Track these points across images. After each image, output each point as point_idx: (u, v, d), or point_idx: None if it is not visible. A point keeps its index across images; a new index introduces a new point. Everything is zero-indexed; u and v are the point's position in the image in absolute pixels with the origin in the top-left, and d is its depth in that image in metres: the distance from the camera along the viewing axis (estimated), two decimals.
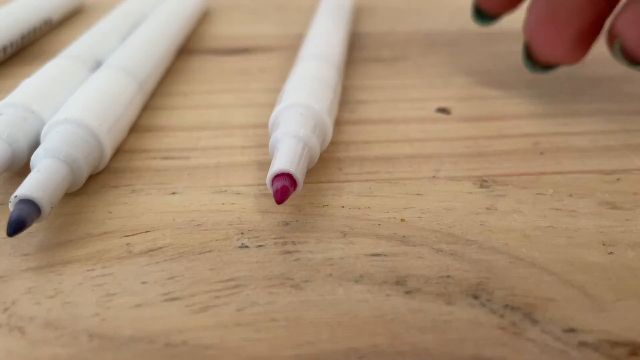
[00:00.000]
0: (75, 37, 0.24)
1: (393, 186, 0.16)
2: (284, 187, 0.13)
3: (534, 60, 0.20)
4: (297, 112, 0.16)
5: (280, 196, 0.13)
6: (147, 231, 0.14)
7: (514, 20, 0.27)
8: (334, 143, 0.18)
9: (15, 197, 0.12)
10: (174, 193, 0.15)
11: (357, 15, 0.30)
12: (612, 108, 0.20)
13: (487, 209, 0.15)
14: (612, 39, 0.18)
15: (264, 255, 0.13)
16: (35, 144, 0.15)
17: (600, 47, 0.24)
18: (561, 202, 0.15)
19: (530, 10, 0.19)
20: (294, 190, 0.14)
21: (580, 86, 0.22)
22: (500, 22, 0.22)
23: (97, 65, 0.20)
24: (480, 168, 0.16)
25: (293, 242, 0.14)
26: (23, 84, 0.17)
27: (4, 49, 0.22)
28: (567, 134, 0.18)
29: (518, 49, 0.25)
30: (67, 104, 0.16)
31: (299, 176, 0.14)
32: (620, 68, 0.22)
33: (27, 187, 0.13)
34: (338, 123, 0.19)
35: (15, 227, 0.12)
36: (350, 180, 0.16)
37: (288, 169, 0.13)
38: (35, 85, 0.17)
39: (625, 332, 0.11)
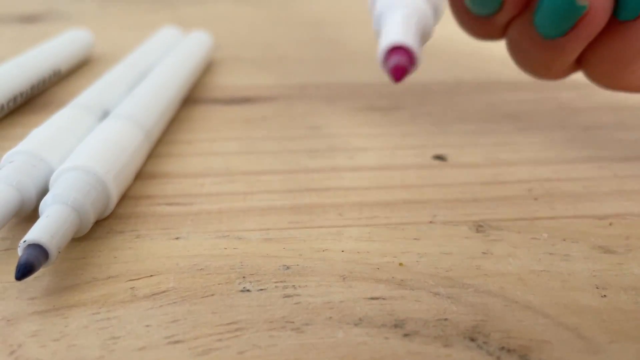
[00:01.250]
0: (82, 87, 0.25)
1: (391, 231, 0.16)
2: (400, 67, 0.12)
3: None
4: None
5: (399, 75, 0.12)
6: (152, 275, 0.14)
7: (508, 71, 0.28)
8: (333, 189, 0.18)
9: (24, 242, 0.13)
10: (177, 238, 0.16)
11: (355, 65, 0.31)
12: (603, 155, 0.20)
13: (483, 253, 0.15)
14: None
15: (265, 298, 0.13)
16: (43, 190, 0.16)
17: (591, 97, 0.25)
18: (555, 246, 0.15)
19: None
20: (412, 67, 0.12)
21: (573, 134, 0.22)
22: (495, 73, 0.23)
23: (105, 114, 0.20)
24: (476, 213, 0.17)
25: (294, 285, 0.14)
26: (33, 133, 0.18)
27: (14, 98, 0.23)
28: (560, 180, 0.19)
29: (512, 98, 0.26)
30: (76, 152, 0.16)
31: (417, 50, 0.12)
32: (610, 116, 0.23)
33: (36, 232, 0.13)
34: (337, 169, 0.19)
35: (24, 271, 0.12)
36: (349, 225, 0.16)
37: (403, 41, 0.12)
38: (44, 133, 0.18)
39: None
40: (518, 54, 0.18)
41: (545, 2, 0.15)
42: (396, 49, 0.12)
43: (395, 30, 0.12)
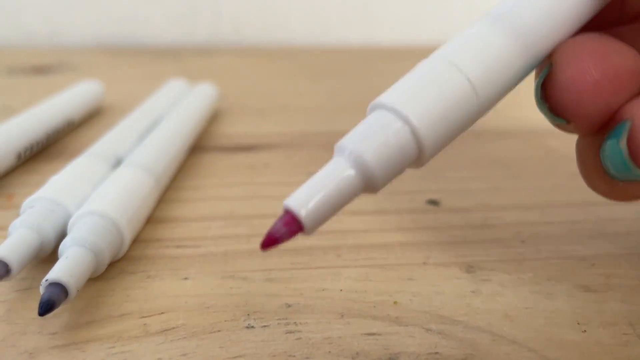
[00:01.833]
0: (94, 136, 0.26)
1: (387, 271, 0.17)
2: (274, 238, 0.12)
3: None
4: None
5: (267, 245, 0.12)
6: (162, 313, 0.15)
7: (498, 119, 0.29)
8: (332, 232, 0.19)
9: (47, 280, 0.14)
10: (186, 278, 0.17)
11: (353, 115, 0.32)
12: (588, 199, 0.22)
13: (473, 292, 0.16)
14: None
15: (269, 334, 0.14)
16: (61, 233, 0.17)
17: None
18: (540, 285, 0.16)
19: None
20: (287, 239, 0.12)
21: (559, 180, 0.23)
22: (486, 122, 0.24)
23: (117, 162, 0.22)
24: (467, 255, 0.18)
25: (295, 322, 0.15)
26: (51, 180, 0.19)
27: (31, 147, 0.25)
28: (546, 224, 0.20)
29: (502, 146, 0.27)
30: (92, 198, 0.18)
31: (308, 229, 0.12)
32: None
33: (57, 272, 0.14)
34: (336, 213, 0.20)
35: (46, 307, 0.13)
36: (348, 266, 0.17)
37: (300, 213, 0.12)
38: (62, 180, 0.19)
39: None
40: (584, 171, 0.16)
41: (608, 154, 0.13)
42: (291, 216, 0.12)
43: (306, 195, 0.12)
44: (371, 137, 0.13)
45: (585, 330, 0.14)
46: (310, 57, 0.49)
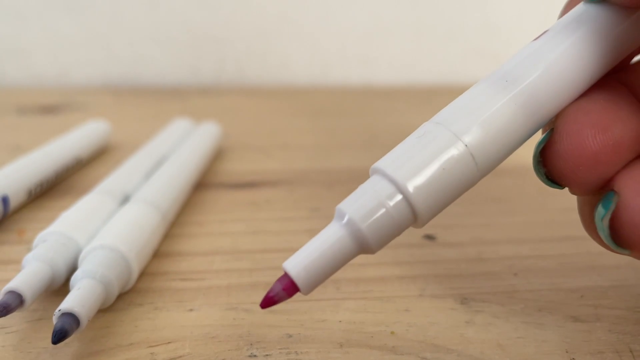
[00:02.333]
0: (101, 173, 0.27)
1: (384, 303, 0.18)
2: (272, 299, 0.13)
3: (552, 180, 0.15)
4: None
5: (266, 305, 0.13)
6: (169, 342, 0.16)
7: None
8: None
9: (60, 310, 0.15)
10: (191, 310, 0.17)
11: (352, 152, 0.33)
12: (578, 234, 0.22)
13: (466, 322, 0.17)
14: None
15: None
16: (71, 266, 0.18)
17: None
18: (531, 316, 0.17)
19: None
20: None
21: (551, 216, 0.24)
22: None
23: (125, 198, 0.22)
24: (461, 287, 0.19)
25: (296, 352, 0.15)
26: (63, 215, 0.20)
27: (41, 184, 0.25)
28: (538, 257, 0.21)
29: (496, 183, 0.28)
30: (102, 232, 0.18)
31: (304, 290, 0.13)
32: None
33: (70, 303, 0.15)
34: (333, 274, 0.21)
35: (59, 336, 0.14)
36: (346, 298, 0.18)
37: (296, 278, 0.13)
38: (73, 216, 0.20)
39: None
40: (582, 221, 0.16)
41: (596, 222, 0.14)
42: (289, 279, 0.13)
43: (303, 259, 0.13)
44: (367, 204, 0.13)
45: (573, 359, 0.15)
46: (311, 97, 0.51)
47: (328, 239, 0.13)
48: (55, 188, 0.27)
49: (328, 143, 0.36)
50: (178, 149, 0.29)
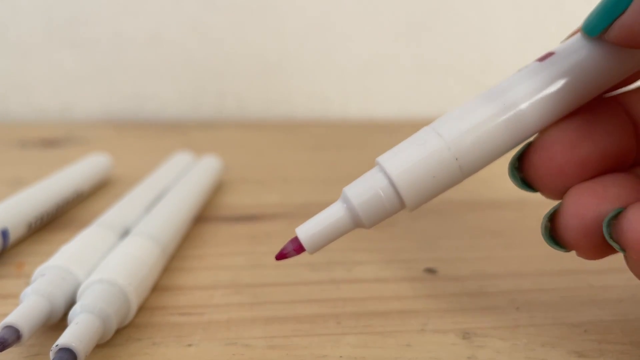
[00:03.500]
0: (102, 206, 0.27)
1: (385, 338, 0.18)
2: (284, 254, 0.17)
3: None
4: None
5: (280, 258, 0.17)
6: None
7: (491, 191, 0.30)
8: (332, 300, 0.20)
9: (57, 345, 0.14)
10: (190, 345, 0.17)
11: None
12: (579, 268, 0.22)
13: (469, 358, 0.16)
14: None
15: None
16: (70, 300, 0.18)
17: None
18: (534, 351, 0.17)
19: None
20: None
21: (552, 249, 0.24)
22: (481, 193, 0.25)
23: (125, 232, 0.22)
24: (463, 322, 0.18)
25: None
26: (62, 249, 0.20)
27: (41, 217, 0.25)
28: (540, 291, 0.20)
29: (496, 216, 0.28)
30: (101, 266, 0.18)
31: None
32: None
33: (67, 338, 0.15)
34: (336, 281, 0.21)
35: None
36: (347, 332, 0.18)
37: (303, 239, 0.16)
38: (72, 249, 0.20)
39: None
40: None
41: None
42: (298, 241, 0.16)
43: (310, 226, 0.16)
44: (362, 188, 0.16)
45: None
46: (311, 131, 0.51)
47: (331, 213, 0.16)
48: (55, 221, 0.27)
49: (328, 176, 0.36)
50: (178, 182, 0.29)
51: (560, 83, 0.15)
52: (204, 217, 0.28)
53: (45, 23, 0.52)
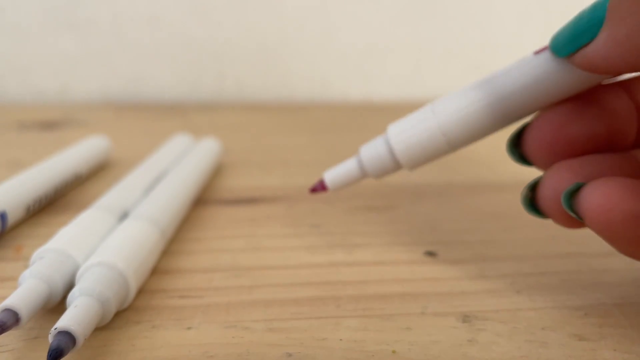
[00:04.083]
0: (101, 189, 0.27)
1: (385, 321, 0.18)
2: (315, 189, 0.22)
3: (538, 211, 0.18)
4: None
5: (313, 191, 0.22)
6: None
7: (491, 174, 0.30)
8: (332, 283, 0.20)
9: (55, 329, 0.14)
10: (189, 328, 0.17)
11: None
12: (581, 251, 0.22)
13: (469, 341, 0.16)
14: None
15: None
16: (69, 283, 0.18)
17: None
18: (534, 334, 0.17)
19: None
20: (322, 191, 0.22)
21: (553, 232, 0.24)
22: (481, 176, 0.25)
23: (124, 215, 0.22)
24: (463, 305, 0.18)
25: None
26: (60, 232, 0.20)
27: (39, 200, 0.25)
28: (541, 274, 0.20)
29: (497, 199, 0.28)
30: (100, 249, 0.18)
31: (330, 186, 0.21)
32: None
33: (66, 321, 0.15)
34: (336, 264, 0.21)
35: (55, 355, 0.14)
36: (347, 316, 0.18)
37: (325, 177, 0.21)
38: (70, 232, 0.20)
39: None
40: None
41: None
42: (322, 182, 0.22)
43: (332, 172, 0.21)
44: (371, 147, 0.20)
45: None
46: (311, 113, 0.51)
47: (346, 165, 0.21)
48: (54, 204, 0.27)
49: (328, 159, 0.36)
50: (178, 165, 0.28)
51: (539, 80, 0.17)
52: (204, 200, 0.28)
53: (44, 4, 0.52)
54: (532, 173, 0.20)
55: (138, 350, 0.16)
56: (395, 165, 0.20)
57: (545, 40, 0.18)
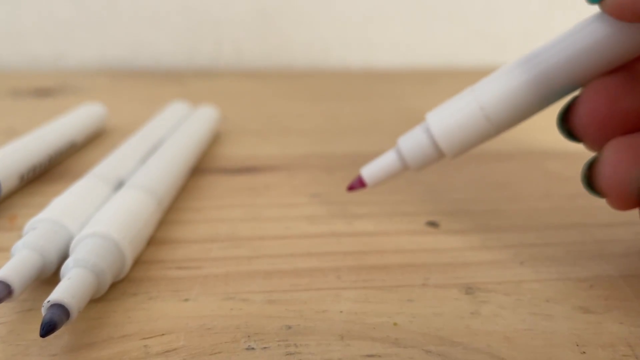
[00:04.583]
0: (97, 157, 0.26)
1: (386, 293, 0.17)
2: (353, 187, 0.21)
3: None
4: None
5: (350, 189, 0.21)
6: (163, 334, 0.15)
7: (496, 142, 0.30)
8: (332, 253, 0.19)
9: (48, 301, 0.14)
10: (187, 300, 0.17)
11: (354, 137, 0.33)
12: (586, 221, 0.22)
13: (472, 313, 0.16)
14: None
15: (269, 356, 0.14)
16: (63, 254, 0.17)
17: (576, 166, 0.27)
18: (539, 307, 0.16)
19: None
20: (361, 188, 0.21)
21: (557, 202, 0.24)
22: (484, 144, 0.25)
23: (120, 184, 0.22)
24: (466, 276, 0.18)
25: (295, 344, 0.15)
26: (54, 201, 0.19)
27: (34, 169, 0.25)
28: (545, 245, 0.20)
29: (500, 168, 0.27)
30: (94, 219, 0.18)
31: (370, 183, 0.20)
32: None
33: (59, 293, 0.14)
34: (336, 234, 0.21)
35: (48, 328, 0.14)
36: (347, 287, 0.17)
37: (364, 175, 0.20)
38: (64, 202, 0.19)
39: None
40: None
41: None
42: (361, 178, 0.21)
43: (370, 167, 0.20)
44: (410, 136, 0.19)
45: (584, 352, 0.14)
46: (311, 80, 0.50)
47: (385, 159, 0.20)
48: (48, 173, 0.26)
49: (328, 127, 0.35)
50: (175, 133, 0.28)
51: (587, 48, 0.16)
52: (201, 169, 0.27)
53: None
54: (538, 140, 0.19)
55: (134, 322, 0.16)
56: (438, 154, 0.19)
57: (547, 7, 0.17)
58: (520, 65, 0.17)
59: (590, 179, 0.17)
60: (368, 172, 0.20)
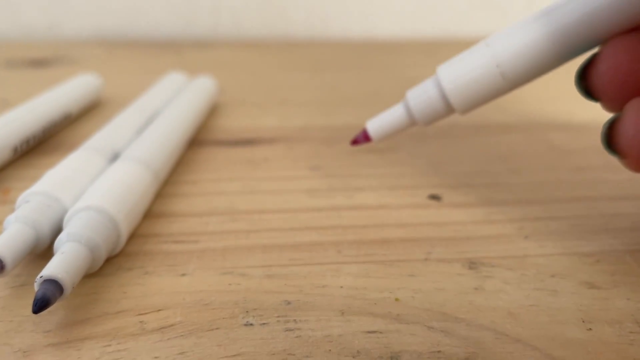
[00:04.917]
0: (92, 129, 0.26)
1: (388, 268, 0.17)
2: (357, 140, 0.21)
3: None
4: None
5: (354, 143, 0.21)
6: (159, 310, 0.15)
7: (500, 114, 0.29)
8: (332, 227, 0.19)
9: (41, 277, 0.14)
10: (184, 274, 0.16)
11: (354, 108, 0.32)
12: (591, 195, 0.21)
13: (475, 289, 0.16)
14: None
15: (268, 332, 0.14)
16: (57, 228, 0.17)
17: (581, 138, 0.26)
18: (544, 282, 0.16)
19: None
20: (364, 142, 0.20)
21: (562, 175, 0.23)
22: (487, 116, 0.24)
23: (115, 156, 0.21)
24: (469, 251, 0.18)
25: (295, 320, 0.15)
26: (47, 174, 0.19)
27: (27, 141, 0.24)
28: (550, 219, 0.20)
29: (504, 140, 0.27)
30: (89, 193, 0.17)
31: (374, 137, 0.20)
32: (599, 158, 0.24)
33: (52, 268, 0.14)
34: (337, 208, 0.20)
35: (40, 305, 0.13)
36: (348, 262, 0.17)
37: (368, 128, 0.20)
38: (58, 175, 0.19)
39: None
40: None
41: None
42: (366, 132, 0.20)
43: (376, 120, 0.20)
44: (419, 89, 0.19)
45: (590, 329, 0.14)
46: (310, 51, 0.49)
47: (392, 113, 0.20)
48: (42, 145, 0.26)
49: (328, 98, 0.34)
50: (171, 104, 0.27)
51: (606, 6, 0.15)
52: (199, 141, 0.27)
53: None
54: (542, 112, 0.18)
55: (130, 297, 0.15)
56: (448, 109, 0.18)
57: None
58: (538, 19, 0.16)
59: (610, 138, 0.16)
60: (374, 125, 0.20)
